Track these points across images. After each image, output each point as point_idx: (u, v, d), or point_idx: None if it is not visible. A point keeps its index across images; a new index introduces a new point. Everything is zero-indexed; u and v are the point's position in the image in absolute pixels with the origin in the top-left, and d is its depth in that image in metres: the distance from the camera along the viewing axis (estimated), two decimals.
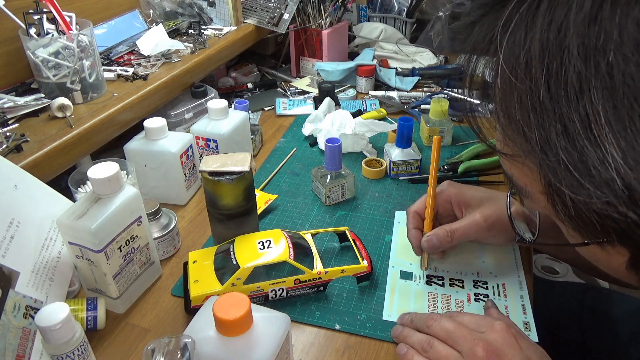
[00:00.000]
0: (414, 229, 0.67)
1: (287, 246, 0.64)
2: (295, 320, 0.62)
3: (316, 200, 0.85)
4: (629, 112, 0.26)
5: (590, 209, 0.30)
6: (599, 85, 0.27)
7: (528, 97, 0.30)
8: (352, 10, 1.44)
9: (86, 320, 0.59)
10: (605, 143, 0.27)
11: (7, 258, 0.54)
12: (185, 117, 0.99)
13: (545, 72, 0.29)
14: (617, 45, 0.26)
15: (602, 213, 0.29)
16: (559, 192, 0.31)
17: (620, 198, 0.27)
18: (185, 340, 0.44)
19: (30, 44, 0.77)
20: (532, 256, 0.73)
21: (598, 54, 0.26)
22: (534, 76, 0.29)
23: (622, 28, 0.26)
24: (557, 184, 0.30)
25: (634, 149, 0.26)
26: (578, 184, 0.29)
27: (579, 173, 0.28)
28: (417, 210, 0.68)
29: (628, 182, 0.27)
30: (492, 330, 0.50)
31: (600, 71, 0.26)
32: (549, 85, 0.29)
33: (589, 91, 0.27)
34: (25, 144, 0.70)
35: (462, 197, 0.66)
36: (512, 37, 0.31)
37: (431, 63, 1.34)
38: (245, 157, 0.66)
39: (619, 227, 0.29)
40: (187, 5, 1.16)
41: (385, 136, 1.03)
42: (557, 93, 0.28)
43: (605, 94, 0.26)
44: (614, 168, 0.27)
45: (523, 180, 0.36)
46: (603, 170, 0.27)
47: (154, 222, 0.70)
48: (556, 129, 0.29)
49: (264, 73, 1.36)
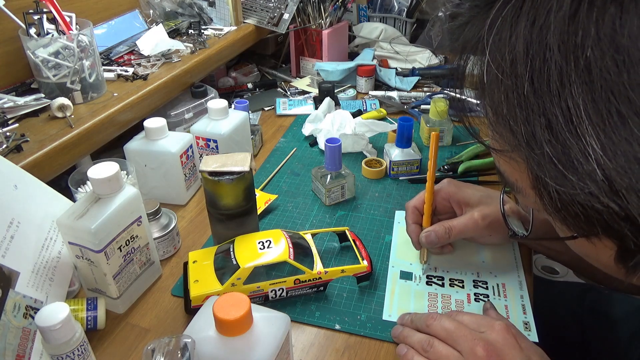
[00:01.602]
0: (413, 223, 0.69)
1: (287, 246, 0.64)
2: (295, 320, 0.62)
3: (316, 200, 0.85)
4: (607, 105, 0.27)
5: (574, 200, 0.31)
6: (578, 80, 0.28)
7: (514, 93, 0.31)
8: (352, 10, 1.44)
9: (86, 320, 0.59)
10: (586, 135, 0.28)
11: (7, 258, 0.54)
12: (185, 117, 0.99)
13: (529, 68, 0.30)
14: (594, 42, 0.27)
15: (586, 204, 0.30)
16: (545, 185, 0.32)
17: (602, 189, 0.28)
18: (185, 340, 0.44)
19: (30, 44, 0.77)
20: (532, 256, 0.73)
21: (577, 50, 0.28)
22: (518, 72, 0.30)
23: (598, 25, 0.27)
24: (543, 176, 0.31)
25: (612, 141, 0.27)
26: (562, 176, 0.30)
27: (562, 165, 0.30)
28: (416, 206, 0.69)
29: (608, 173, 0.28)
30: (492, 330, 0.50)
31: (579, 66, 0.28)
32: (533, 81, 0.30)
33: (570, 86, 0.28)
34: (25, 144, 0.70)
35: (461, 195, 0.67)
36: (497, 36, 0.32)
37: (431, 63, 1.34)
38: (245, 157, 0.66)
39: (602, 218, 0.30)
40: (187, 5, 1.16)
41: (385, 136, 1.03)
42: (541, 88, 0.29)
43: (585, 88, 0.28)
44: (594, 159, 0.28)
45: (514, 176, 0.37)
46: (584, 161, 0.28)
47: (154, 222, 0.70)
48: (540, 122, 0.30)
49: (264, 73, 1.36)
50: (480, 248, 0.72)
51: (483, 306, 0.61)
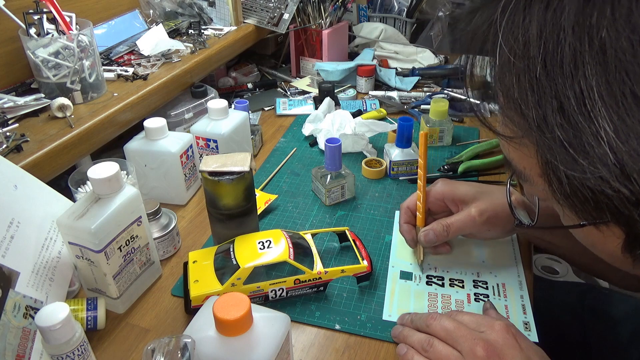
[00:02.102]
0: (405, 223, 0.69)
1: (287, 246, 0.64)
2: (295, 320, 0.62)
3: (316, 200, 0.85)
4: (621, 86, 0.27)
5: (584, 185, 0.30)
6: (592, 61, 0.28)
7: (526, 76, 0.31)
8: (352, 10, 1.44)
9: (86, 320, 0.59)
10: (599, 117, 0.28)
11: (7, 258, 0.54)
12: (185, 117, 0.99)
13: (542, 50, 0.30)
14: (609, 22, 0.27)
15: (596, 189, 0.30)
16: (555, 170, 0.32)
17: (613, 173, 0.28)
18: (185, 340, 0.44)
19: (30, 44, 0.77)
20: (532, 256, 0.73)
21: (592, 31, 0.27)
22: (531, 55, 0.30)
23: (614, 6, 0.27)
24: (554, 161, 0.31)
25: (626, 123, 0.27)
26: (573, 160, 0.30)
27: (573, 149, 0.29)
28: (409, 206, 0.69)
29: (620, 157, 0.28)
30: (492, 330, 0.50)
31: (594, 47, 0.27)
32: (546, 63, 0.30)
33: (583, 67, 0.28)
34: (25, 144, 0.70)
35: (456, 193, 0.67)
36: (510, 19, 0.32)
37: (431, 63, 1.34)
38: (245, 157, 0.66)
39: (612, 203, 0.30)
40: (187, 5, 1.16)
41: (385, 136, 1.03)
42: (553, 70, 0.29)
43: (599, 69, 0.27)
44: (606, 142, 0.28)
45: (522, 164, 0.37)
46: (596, 145, 0.28)
47: (154, 222, 0.70)
48: (552, 105, 0.30)
49: (264, 73, 1.36)
50: (480, 248, 0.72)
51: (483, 306, 0.61)
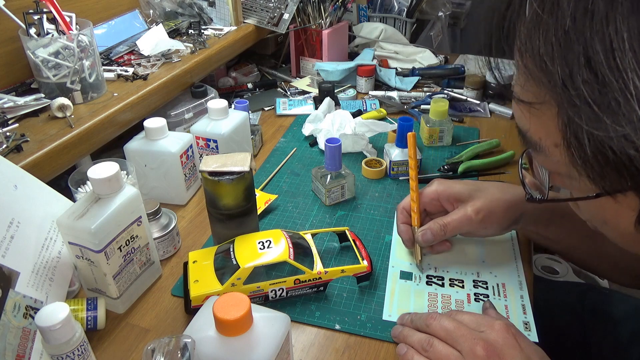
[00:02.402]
0: (402, 224, 0.70)
1: (287, 246, 0.64)
2: (295, 320, 0.62)
3: (316, 200, 0.85)
4: None
5: (607, 146, 0.30)
6: (625, 12, 0.27)
7: (553, 30, 0.30)
8: (352, 10, 1.44)
9: (86, 320, 0.59)
10: (628, 70, 0.27)
11: (7, 258, 0.54)
12: (185, 117, 0.99)
13: (573, 3, 0.29)
14: None
15: (619, 150, 0.29)
16: (576, 131, 0.31)
17: (638, 130, 0.28)
18: (185, 340, 0.44)
19: (30, 44, 0.77)
20: (532, 256, 0.73)
21: None
22: (560, 7, 0.30)
23: None
24: (577, 119, 0.30)
25: None
26: (596, 119, 0.29)
27: (598, 107, 0.29)
28: (405, 207, 0.70)
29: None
30: (492, 330, 0.50)
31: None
32: (575, 17, 0.29)
33: (615, 19, 0.27)
34: (25, 144, 0.70)
35: (451, 192, 0.67)
36: None
37: (431, 63, 1.34)
38: (245, 157, 0.66)
39: (633, 166, 0.29)
40: (187, 5, 1.16)
41: (385, 136, 1.03)
42: (583, 23, 0.29)
43: (632, 20, 0.27)
44: (634, 96, 0.27)
45: (538, 134, 0.36)
46: (623, 100, 0.28)
47: (154, 222, 0.70)
48: (579, 61, 0.29)
49: (264, 73, 1.36)
50: (480, 248, 0.72)
51: (483, 306, 0.61)
